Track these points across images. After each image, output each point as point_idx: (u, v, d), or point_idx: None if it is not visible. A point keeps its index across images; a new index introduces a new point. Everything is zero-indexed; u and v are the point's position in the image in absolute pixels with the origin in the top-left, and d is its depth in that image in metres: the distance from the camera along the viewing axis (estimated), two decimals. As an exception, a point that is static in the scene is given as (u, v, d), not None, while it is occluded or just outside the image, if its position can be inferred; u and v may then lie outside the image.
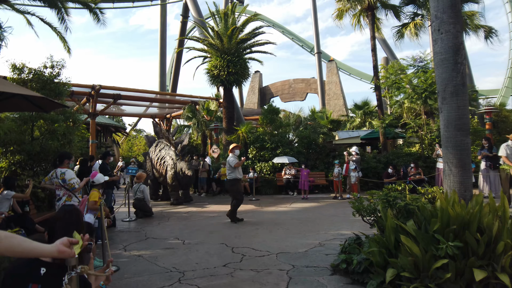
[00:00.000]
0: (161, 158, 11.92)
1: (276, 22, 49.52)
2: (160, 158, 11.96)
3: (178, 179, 11.41)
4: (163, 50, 36.50)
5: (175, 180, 11.40)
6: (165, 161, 11.72)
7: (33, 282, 1.76)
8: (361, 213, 4.87)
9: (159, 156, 12.06)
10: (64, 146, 8.53)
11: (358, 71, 45.60)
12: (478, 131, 14.87)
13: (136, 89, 18.64)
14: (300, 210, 9.90)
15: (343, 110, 33.62)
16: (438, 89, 4.65)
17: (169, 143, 12.17)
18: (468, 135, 4.48)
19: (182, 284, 4.28)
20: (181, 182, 11.50)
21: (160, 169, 11.83)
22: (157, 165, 11.99)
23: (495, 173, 10.60)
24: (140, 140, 35.72)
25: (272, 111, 16.36)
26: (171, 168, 11.42)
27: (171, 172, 11.36)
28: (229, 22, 16.81)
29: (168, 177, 11.48)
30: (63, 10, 11.74)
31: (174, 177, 11.35)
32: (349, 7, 16.57)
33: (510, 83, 35.48)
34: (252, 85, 40.06)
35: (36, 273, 1.79)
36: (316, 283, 4.18)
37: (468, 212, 3.65)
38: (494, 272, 3.29)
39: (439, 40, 4.54)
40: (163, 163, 11.77)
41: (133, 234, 7.36)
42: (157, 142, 12.83)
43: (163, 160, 11.84)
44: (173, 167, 11.39)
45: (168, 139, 12.23)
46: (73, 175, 5.56)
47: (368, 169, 13.65)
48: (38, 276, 1.78)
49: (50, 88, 8.48)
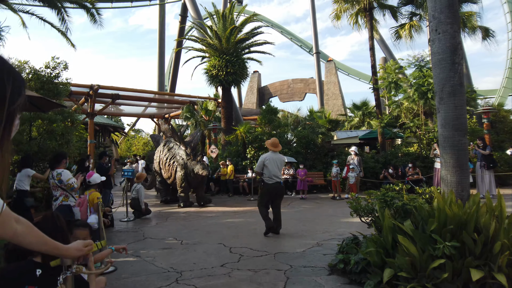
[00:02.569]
0: (171, 158, 11.21)
1: (275, 22, 49.55)
2: (170, 158, 11.25)
3: (188, 181, 10.74)
4: (161, 50, 36.49)
5: (184, 181, 10.72)
6: (175, 161, 11.05)
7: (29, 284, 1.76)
8: (359, 213, 4.88)
9: (168, 156, 11.33)
10: (62, 146, 8.52)
11: (357, 71, 45.65)
12: (476, 131, 14.90)
13: (134, 89, 18.63)
14: (298, 210, 9.90)
15: (342, 110, 33.67)
16: (435, 89, 4.66)
17: (179, 142, 11.46)
18: (465, 135, 4.49)
19: (179, 284, 4.27)
20: (191, 183, 10.85)
21: (170, 170, 11.14)
22: (166, 166, 11.28)
23: (490, 173, 10.65)
24: (139, 140, 35.68)
25: (270, 111, 16.36)
26: (181, 169, 10.74)
27: (181, 173, 10.70)
28: (228, 22, 16.81)
29: (178, 178, 10.81)
30: (63, 10, 11.72)
31: (184, 178, 10.68)
32: (346, 7, 16.59)
33: (508, 83, 35.58)
34: (251, 85, 40.08)
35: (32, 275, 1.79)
36: (314, 283, 4.18)
37: (465, 212, 3.66)
38: (491, 272, 3.29)
39: (437, 40, 4.54)
40: (173, 163, 11.08)
41: (131, 234, 7.35)
42: (165, 141, 12.00)
43: (172, 160, 11.14)
44: (183, 167, 10.73)
45: (179, 138, 11.52)
46: (69, 175, 5.54)
47: (366, 169, 13.66)
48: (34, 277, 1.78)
49: (48, 88, 8.48)
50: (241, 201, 12.12)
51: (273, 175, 6.77)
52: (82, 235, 2.93)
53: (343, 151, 15.28)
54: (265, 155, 7.00)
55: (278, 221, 6.89)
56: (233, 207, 10.71)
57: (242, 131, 14.80)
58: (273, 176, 6.77)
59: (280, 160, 6.97)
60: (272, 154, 6.92)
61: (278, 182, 6.84)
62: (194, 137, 11.93)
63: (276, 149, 7.01)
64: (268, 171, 6.77)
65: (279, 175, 6.89)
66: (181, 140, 11.45)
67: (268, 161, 6.81)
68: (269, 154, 6.93)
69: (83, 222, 3.81)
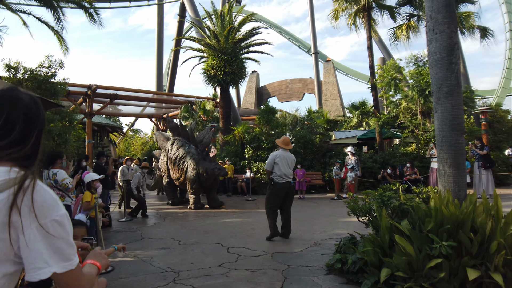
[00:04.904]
0: (180, 158, 10.59)
1: (274, 22, 49.57)
2: (179, 157, 10.62)
3: (201, 181, 10.25)
4: (160, 50, 36.50)
5: (196, 183, 10.19)
6: (185, 161, 10.45)
7: None
8: (356, 213, 4.88)
9: (177, 155, 10.69)
10: (60, 146, 8.50)
11: (355, 71, 45.71)
12: (474, 131, 14.93)
13: (133, 89, 18.62)
14: (296, 210, 9.85)
15: (340, 110, 33.74)
16: (432, 89, 4.67)
17: (189, 140, 10.91)
18: (462, 135, 4.50)
19: (177, 284, 4.27)
20: (203, 184, 10.34)
21: (180, 170, 10.54)
22: (175, 166, 10.68)
23: (487, 173, 10.68)
24: (137, 140, 35.59)
25: (269, 111, 16.35)
26: (192, 169, 10.19)
27: (192, 173, 10.16)
28: (226, 22, 16.81)
29: (188, 179, 10.24)
30: (59, 10, 11.69)
31: (195, 179, 10.15)
32: (345, 7, 16.61)
33: (506, 83, 35.70)
34: (249, 85, 40.11)
35: None
36: (311, 282, 4.19)
37: (462, 212, 3.67)
38: (488, 271, 3.30)
39: (434, 40, 4.55)
40: (183, 163, 10.49)
41: (129, 234, 7.34)
42: (173, 139, 11.23)
43: (182, 160, 10.53)
44: (195, 167, 10.20)
45: (191, 137, 10.96)
46: (65, 175, 5.52)
47: (364, 169, 13.68)
48: None
49: (45, 88, 8.46)
50: (239, 201, 12.12)
51: (284, 174, 6.45)
52: (80, 233, 2.95)
53: (341, 151, 15.30)
54: (275, 152, 6.71)
55: (287, 228, 6.55)
56: (231, 207, 10.70)
57: (240, 131, 14.80)
58: (283, 175, 6.45)
59: (291, 159, 6.66)
60: (283, 152, 6.61)
61: (289, 181, 6.53)
62: (204, 135, 11.32)
63: (287, 147, 6.71)
64: (279, 170, 6.45)
65: (290, 174, 6.57)
66: (193, 139, 10.92)
67: (279, 158, 6.48)
68: (280, 152, 6.62)
69: (79, 220, 3.82)
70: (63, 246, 1.02)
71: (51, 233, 1.00)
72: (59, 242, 1.01)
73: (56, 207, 1.04)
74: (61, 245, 1.02)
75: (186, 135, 11.05)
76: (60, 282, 1.04)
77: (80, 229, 3.04)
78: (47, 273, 0.99)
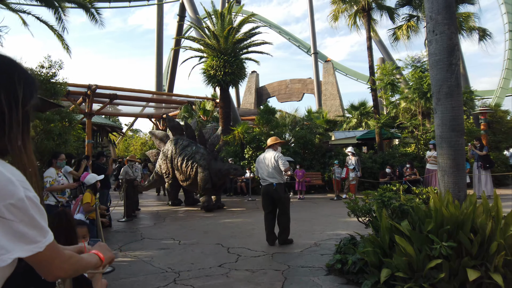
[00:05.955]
0: (188, 158, 10.19)
1: (273, 22, 49.58)
2: (187, 158, 10.22)
3: (213, 182, 10.01)
4: (159, 50, 36.46)
5: (208, 183, 9.92)
6: (195, 161, 10.09)
7: None
8: (356, 214, 4.89)
9: (183, 155, 10.29)
10: (60, 146, 8.49)
11: (355, 72, 45.74)
12: (473, 132, 14.96)
13: (132, 89, 18.61)
14: (296, 211, 9.89)
15: (340, 111, 33.75)
16: (432, 90, 4.68)
17: (194, 140, 10.62)
18: (462, 135, 4.51)
19: (177, 285, 4.27)
20: (215, 185, 10.11)
21: (188, 171, 10.14)
22: (182, 167, 10.24)
23: (487, 173, 10.69)
24: (137, 140, 35.57)
25: (268, 111, 16.37)
26: (203, 170, 9.89)
27: (204, 174, 9.86)
28: (226, 22, 16.80)
29: (200, 179, 9.88)
30: (60, 10, 11.67)
31: (208, 179, 9.89)
32: (344, 8, 16.63)
33: (505, 84, 35.74)
34: (249, 85, 40.10)
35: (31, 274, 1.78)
36: (311, 283, 4.19)
37: (462, 213, 3.67)
38: (487, 272, 3.31)
39: (434, 41, 4.56)
40: (191, 164, 10.09)
41: (129, 234, 7.34)
42: (176, 139, 10.78)
43: (190, 160, 10.14)
44: (206, 167, 9.95)
45: (199, 136, 10.61)
46: (49, 173, 5.50)
47: (364, 169, 13.70)
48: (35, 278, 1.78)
49: (46, 88, 8.45)
50: (239, 201, 12.13)
51: (262, 177, 6.23)
52: (82, 233, 2.96)
53: (341, 151, 15.32)
54: None
55: (280, 235, 6.19)
56: (231, 207, 10.71)
57: (240, 131, 14.81)
58: (263, 178, 6.22)
59: (269, 158, 6.16)
60: (264, 154, 6.36)
61: (270, 183, 6.12)
62: (210, 134, 11.01)
63: (270, 143, 6.40)
64: (258, 172, 6.36)
65: (270, 175, 6.11)
66: (202, 139, 10.63)
67: (257, 162, 6.38)
68: (261, 155, 6.42)
69: (81, 220, 3.83)
70: (24, 229, 0.92)
71: (6, 217, 0.89)
72: (18, 225, 0.91)
73: (13, 191, 0.90)
74: (22, 229, 0.92)
75: (192, 134, 10.70)
76: (33, 264, 0.98)
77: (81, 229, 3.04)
78: (7, 260, 0.90)
